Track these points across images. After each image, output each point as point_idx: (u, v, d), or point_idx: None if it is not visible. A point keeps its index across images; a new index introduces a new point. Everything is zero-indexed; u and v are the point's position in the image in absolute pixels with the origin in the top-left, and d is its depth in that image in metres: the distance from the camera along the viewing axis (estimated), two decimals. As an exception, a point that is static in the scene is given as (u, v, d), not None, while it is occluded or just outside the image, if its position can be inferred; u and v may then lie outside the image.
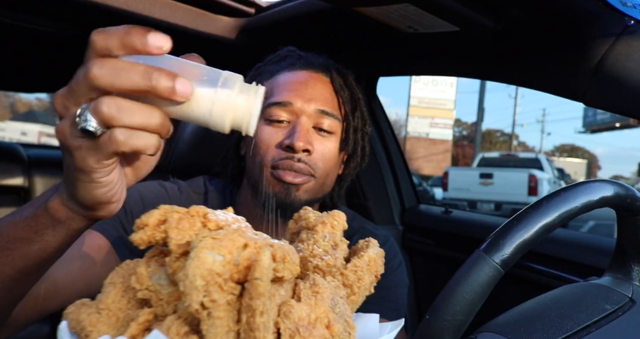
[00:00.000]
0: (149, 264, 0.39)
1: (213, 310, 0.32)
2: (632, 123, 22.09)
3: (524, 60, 0.93)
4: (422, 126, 21.96)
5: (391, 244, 0.96)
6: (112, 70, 0.36)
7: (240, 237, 0.34)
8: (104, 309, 0.39)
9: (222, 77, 0.38)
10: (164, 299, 0.37)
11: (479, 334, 0.50)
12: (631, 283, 0.62)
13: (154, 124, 0.37)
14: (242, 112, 0.39)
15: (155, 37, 0.36)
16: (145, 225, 0.38)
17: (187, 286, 0.31)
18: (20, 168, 1.43)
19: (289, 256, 0.35)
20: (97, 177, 0.40)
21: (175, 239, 0.36)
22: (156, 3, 1.10)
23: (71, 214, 0.44)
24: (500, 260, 0.50)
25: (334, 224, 0.46)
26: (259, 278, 0.31)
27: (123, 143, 0.37)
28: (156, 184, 0.89)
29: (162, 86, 0.35)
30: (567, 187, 0.56)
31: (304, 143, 0.79)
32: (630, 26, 0.77)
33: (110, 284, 0.41)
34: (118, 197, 0.44)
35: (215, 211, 0.39)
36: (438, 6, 0.82)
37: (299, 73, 0.86)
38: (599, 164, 53.90)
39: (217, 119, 0.38)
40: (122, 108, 0.36)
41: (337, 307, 0.38)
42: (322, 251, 0.43)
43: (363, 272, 0.44)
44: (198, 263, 0.31)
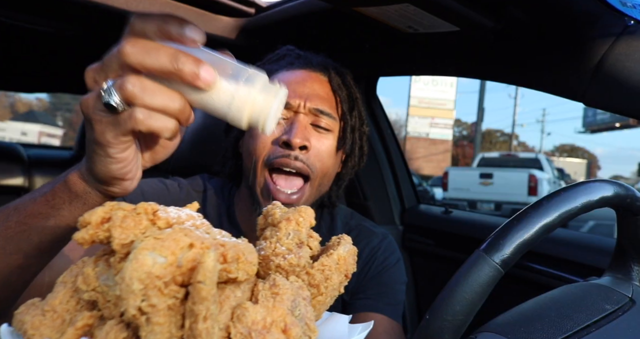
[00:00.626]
0: (97, 264, 0.37)
1: (152, 315, 0.30)
2: (632, 123, 22.09)
3: (524, 60, 0.93)
4: (422, 126, 21.97)
5: (389, 242, 0.96)
6: (143, 49, 0.37)
7: (185, 237, 0.32)
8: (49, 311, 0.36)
9: (247, 74, 0.40)
10: (112, 301, 0.35)
11: (479, 334, 0.50)
12: (631, 283, 0.63)
13: (173, 108, 0.39)
14: (259, 110, 0.40)
15: (191, 30, 0.38)
16: (88, 223, 0.35)
17: (124, 290, 0.29)
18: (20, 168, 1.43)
19: (244, 256, 0.33)
20: (112, 152, 0.41)
21: (118, 239, 0.34)
22: (156, 3, 1.10)
23: (88, 188, 0.46)
24: (500, 260, 0.50)
25: (300, 221, 0.43)
26: (201, 281, 0.29)
27: (141, 122, 0.38)
28: (157, 181, 0.90)
29: (187, 70, 0.37)
30: (567, 187, 0.56)
31: (301, 139, 0.79)
32: (630, 26, 0.77)
33: (62, 283, 0.38)
34: (132, 175, 0.45)
35: (168, 207, 0.38)
36: (438, 6, 0.82)
37: (297, 72, 0.87)
38: (598, 164, 53.91)
39: (235, 113, 0.39)
40: (146, 88, 0.38)
41: (297, 309, 0.36)
42: (286, 249, 0.41)
43: (331, 271, 0.41)
44: (136, 265, 0.29)
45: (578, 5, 0.77)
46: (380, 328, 0.83)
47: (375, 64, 1.30)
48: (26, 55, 1.71)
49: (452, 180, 10.96)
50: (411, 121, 21.88)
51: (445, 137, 22.64)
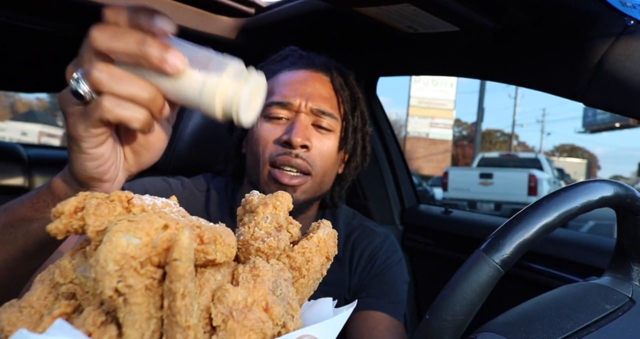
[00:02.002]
0: (73, 257, 0.37)
1: (129, 296, 0.30)
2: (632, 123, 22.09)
3: (524, 60, 0.93)
4: (422, 126, 21.96)
5: (391, 241, 0.97)
6: (110, 33, 0.37)
7: (159, 219, 0.32)
8: (26, 307, 0.36)
9: (218, 60, 0.39)
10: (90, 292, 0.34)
11: (479, 334, 0.50)
12: (631, 282, 0.63)
13: (143, 97, 0.38)
14: (231, 97, 0.38)
15: (160, 20, 0.38)
16: (61, 213, 0.35)
17: (99, 272, 0.29)
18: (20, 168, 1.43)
19: (221, 238, 0.33)
20: (85, 146, 0.41)
21: (92, 226, 0.34)
22: (156, 3, 1.10)
23: (69, 191, 0.45)
24: (500, 260, 0.50)
25: (277, 205, 0.43)
26: (177, 258, 0.29)
27: (108, 110, 0.37)
28: (160, 180, 0.90)
29: (154, 54, 0.36)
30: (567, 187, 0.56)
31: (301, 139, 0.79)
32: (630, 26, 0.77)
33: (39, 281, 0.38)
34: (111, 176, 0.45)
35: (142, 195, 0.38)
36: (438, 6, 0.82)
37: (299, 72, 0.87)
38: (598, 164, 53.90)
39: (207, 101, 0.38)
40: (113, 75, 0.37)
41: (278, 289, 0.36)
42: (264, 233, 0.40)
43: (312, 253, 0.41)
44: (110, 247, 0.29)
45: (578, 5, 0.77)
46: (382, 326, 0.84)
47: (375, 64, 1.30)
48: (26, 55, 1.70)
49: (452, 180, 10.96)
50: (411, 121, 21.87)
51: (445, 137, 22.63)
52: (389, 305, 0.87)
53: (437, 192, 13.18)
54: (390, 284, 0.90)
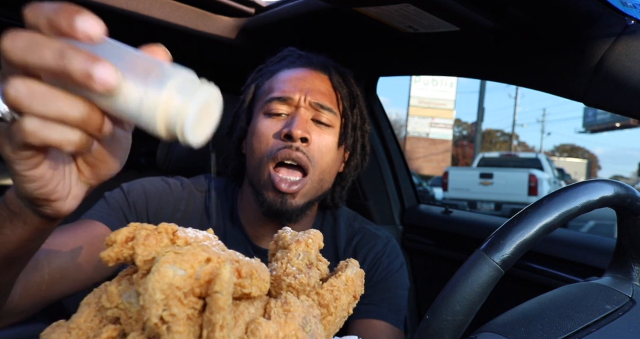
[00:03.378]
0: (120, 283, 0.39)
1: (172, 324, 0.31)
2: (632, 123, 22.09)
3: (524, 61, 0.93)
4: (422, 126, 21.96)
5: (393, 246, 0.96)
6: (25, 44, 0.30)
7: (202, 252, 0.34)
8: (74, 329, 0.38)
9: (161, 73, 0.32)
10: (133, 317, 0.37)
11: (479, 334, 0.50)
12: (631, 283, 0.63)
13: (73, 117, 0.32)
14: (175, 114, 0.32)
15: (84, 21, 0.30)
16: (114, 242, 0.37)
17: (147, 299, 0.31)
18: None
19: (257, 273, 0.35)
20: (19, 169, 0.35)
21: (141, 255, 0.36)
22: (156, 3, 1.10)
23: (22, 208, 0.40)
24: (500, 260, 0.50)
25: (309, 243, 0.45)
26: (218, 291, 0.31)
27: (32, 134, 0.31)
28: (159, 180, 0.90)
29: (76, 69, 0.29)
30: (567, 187, 0.56)
31: (302, 131, 0.79)
32: (630, 26, 0.77)
33: (86, 304, 0.40)
34: (59, 195, 0.38)
35: (186, 228, 0.40)
36: (438, 6, 0.82)
37: (298, 70, 0.88)
38: (599, 164, 53.90)
39: (146, 119, 0.32)
40: (34, 93, 0.31)
41: (308, 325, 0.38)
42: (296, 269, 0.43)
43: (340, 292, 0.43)
44: (158, 277, 0.31)
45: (578, 5, 0.77)
46: (382, 336, 0.83)
47: (375, 64, 1.30)
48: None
49: (452, 180, 10.95)
50: (411, 121, 21.87)
51: (445, 137, 22.63)
52: (390, 313, 0.86)
53: (437, 192, 13.17)
54: (392, 291, 0.89)
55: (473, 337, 0.50)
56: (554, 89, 0.89)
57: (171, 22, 1.13)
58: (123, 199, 0.83)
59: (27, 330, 1.07)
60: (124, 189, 0.85)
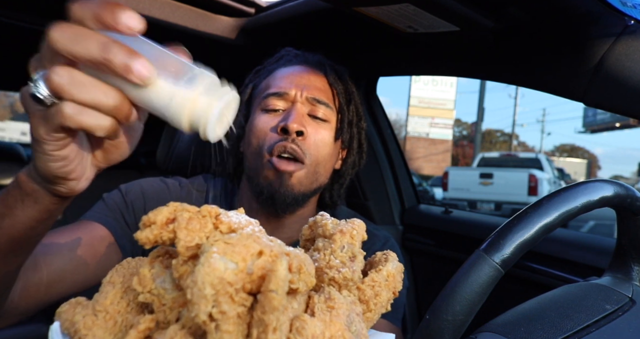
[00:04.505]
0: (152, 265, 0.36)
1: (222, 323, 0.29)
2: (632, 123, 22.08)
3: (524, 61, 0.93)
4: (422, 126, 21.95)
5: (391, 245, 0.96)
6: (71, 35, 0.34)
7: (255, 244, 0.31)
8: (101, 312, 0.36)
9: (190, 73, 0.36)
10: (167, 305, 0.34)
11: (479, 334, 0.50)
12: (631, 282, 0.63)
13: (107, 104, 0.35)
14: (200, 113, 0.36)
15: (127, 16, 0.34)
16: (153, 223, 0.35)
17: (196, 294, 0.28)
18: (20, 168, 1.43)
19: (305, 267, 0.32)
20: (48, 149, 0.38)
21: (184, 241, 0.33)
22: (156, 3, 1.10)
23: (36, 187, 0.43)
24: (500, 260, 0.50)
25: (353, 234, 0.42)
26: (274, 290, 0.28)
27: (70, 118, 0.35)
28: (158, 180, 0.90)
29: (118, 61, 0.33)
30: (567, 187, 0.56)
31: (297, 125, 0.80)
32: (630, 26, 0.77)
33: (110, 283, 0.38)
34: (77, 175, 0.42)
35: (228, 212, 0.37)
36: (438, 6, 0.81)
37: (294, 67, 0.89)
38: (599, 164, 53.90)
39: (174, 114, 0.36)
40: (75, 80, 0.34)
41: (353, 325, 0.35)
42: (340, 262, 0.40)
43: (381, 288, 0.41)
44: (209, 270, 0.29)
45: (578, 5, 0.77)
46: None
47: (375, 64, 1.30)
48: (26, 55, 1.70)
49: (452, 180, 10.95)
50: (411, 121, 21.87)
51: (445, 137, 22.62)
52: (387, 311, 0.87)
53: (437, 192, 13.17)
54: None
55: (473, 337, 0.50)
56: (554, 89, 0.89)
57: (171, 22, 1.13)
58: (121, 200, 0.83)
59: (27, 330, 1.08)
60: (122, 190, 0.85)
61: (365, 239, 0.43)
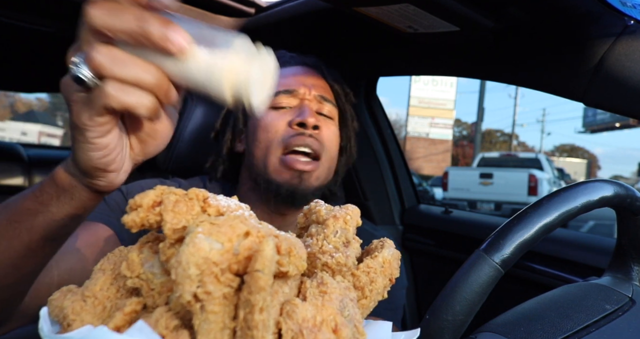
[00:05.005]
0: (141, 251, 0.36)
1: (207, 303, 0.29)
2: (632, 123, 22.08)
3: (524, 61, 0.93)
4: (422, 126, 21.95)
5: None
6: (107, 10, 0.34)
7: (241, 224, 0.31)
8: (90, 297, 0.35)
9: (224, 37, 0.36)
10: (156, 290, 0.34)
11: (479, 334, 0.50)
12: (631, 282, 0.63)
13: (148, 81, 0.35)
14: (240, 77, 0.35)
15: None
16: (139, 206, 0.35)
17: (180, 274, 0.28)
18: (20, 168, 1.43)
19: (295, 250, 0.32)
20: (90, 136, 0.38)
21: (170, 223, 0.33)
22: (156, 3, 1.10)
23: (73, 182, 0.43)
24: (500, 260, 0.50)
25: (347, 219, 0.41)
26: (260, 270, 0.27)
27: (113, 97, 0.35)
28: (157, 182, 0.91)
29: (156, 32, 0.33)
30: (567, 187, 0.56)
31: (314, 119, 0.82)
32: (630, 26, 0.77)
33: (100, 270, 0.38)
34: (117, 166, 0.42)
35: (217, 195, 0.37)
36: (438, 6, 0.82)
37: (296, 67, 0.92)
38: (598, 164, 53.90)
39: (215, 82, 0.35)
40: (116, 58, 0.34)
41: (346, 310, 0.34)
42: (333, 247, 0.39)
43: (376, 274, 0.40)
44: (193, 250, 0.28)
45: (578, 5, 0.77)
46: None
47: (375, 64, 1.30)
48: (26, 55, 1.70)
49: (452, 180, 10.95)
50: (411, 121, 21.86)
51: (445, 137, 22.62)
52: (386, 312, 0.87)
53: (437, 192, 13.17)
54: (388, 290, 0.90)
55: (473, 337, 0.50)
56: (554, 89, 0.89)
57: (171, 22, 1.13)
58: (122, 200, 0.83)
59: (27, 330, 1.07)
60: (122, 190, 0.85)
61: (359, 225, 0.43)
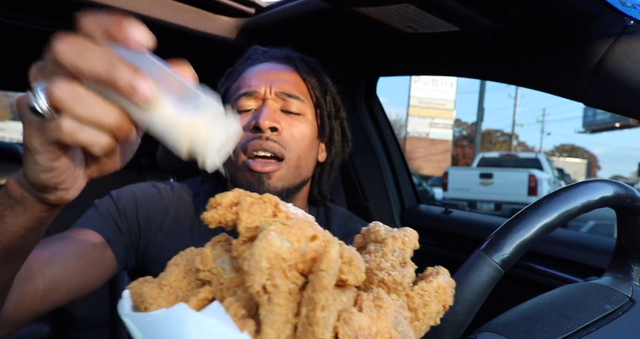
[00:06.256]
0: (214, 248, 0.39)
1: (274, 295, 0.31)
2: (632, 123, 22.08)
3: (524, 60, 0.93)
4: (422, 126, 21.96)
5: None
6: (76, 49, 0.32)
7: (310, 228, 0.33)
8: (166, 285, 0.39)
9: (196, 100, 0.35)
10: (225, 284, 0.37)
11: (479, 334, 0.50)
12: (631, 282, 0.63)
13: (107, 123, 0.34)
14: (200, 144, 0.35)
15: (137, 31, 0.33)
16: (219, 204, 0.38)
17: (252, 266, 0.31)
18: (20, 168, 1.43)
19: (356, 260, 0.34)
20: (40, 160, 0.37)
21: (245, 222, 0.36)
22: (156, 3, 1.10)
23: (25, 194, 0.42)
24: (500, 260, 0.50)
25: (405, 241, 0.43)
26: (324, 269, 0.30)
27: (68, 134, 0.34)
28: (149, 185, 0.90)
29: (124, 81, 0.32)
30: (567, 187, 0.56)
31: (269, 121, 0.79)
32: (630, 26, 0.77)
33: (174, 264, 0.41)
34: (67, 185, 0.41)
35: (287, 203, 0.39)
36: (438, 6, 0.82)
37: (262, 65, 0.89)
38: (598, 164, 53.89)
39: (174, 141, 0.35)
40: (77, 96, 0.33)
41: (400, 326, 0.35)
42: (390, 265, 0.40)
43: (430, 298, 0.41)
44: (265, 245, 0.31)
45: (578, 5, 0.77)
46: None
47: (375, 64, 1.30)
48: (26, 55, 1.70)
49: (452, 180, 10.95)
50: (411, 121, 21.87)
51: (445, 137, 22.62)
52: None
53: (437, 192, 13.17)
54: None
55: (473, 337, 0.50)
56: (554, 89, 0.89)
57: (171, 22, 1.13)
58: (113, 206, 0.82)
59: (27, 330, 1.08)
60: (113, 196, 0.84)
61: (417, 248, 0.44)
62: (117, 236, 0.79)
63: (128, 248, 0.81)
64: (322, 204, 0.99)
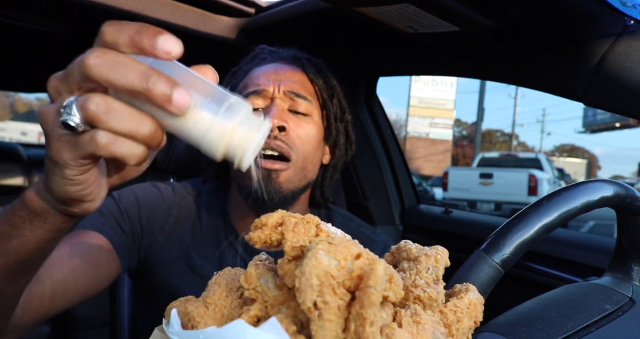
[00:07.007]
0: (257, 267, 0.40)
1: (324, 311, 0.32)
2: (632, 123, 22.08)
3: (524, 60, 0.93)
4: (422, 126, 21.96)
5: None
6: (109, 63, 0.32)
7: (354, 247, 0.35)
8: (211, 304, 0.40)
9: (228, 103, 0.35)
10: (269, 302, 0.38)
11: (479, 334, 0.50)
12: (631, 282, 0.62)
13: (142, 134, 0.34)
14: (238, 144, 0.36)
15: (165, 40, 0.33)
16: (264, 225, 0.39)
17: (303, 283, 0.32)
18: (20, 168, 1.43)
19: (395, 278, 0.35)
20: (70, 174, 0.37)
21: (290, 241, 0.37)
22: (156, 3, 1.10)
23: (45, 206, 0.41)
24: (500, 260, 0.50)
25: (438, 259, 0.44)
26: (372, 286, 0.31)
27: (104, 147, 0.34)
28: (150, 186, 0.90)
29: (159, 92, 0.32)
30: (567, 187, 0.56)
31: (278, 120, 0.79)
32: (630, 26, 0.77)
33: (215, 284, 0.42)
34: (93, 196, 0.41)
35: (326, 223, 0.41)
36: (438, 6, 0.82)
37: (270, 65, 0.88)
38: (598, 164, 53.90)
39: (210, 145, 0.36)
40: (112, 109, 0.33)
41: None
42: (425, 282, 0.42)
43: (463, 314, 0.42)
44: (315, 263, 0.32)
45: (578, 5, 0.77)
46: None
47: (375, 64, 1.30)
48: (26, 55, 1.71)
49: (452, 180, 10.96)
50: (411, 121, 21.86)
51: (445, 137, 22.62)
52: None
53: (437, 192, 13.17)
54: None
55: (473, 337, 0.50)
56: (554, 89, 0.89)
57: (171, 22, 1.13)
58: (115, 207, 0.82)
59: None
60: (115, 197, 0.84)
61: (448, 266, 0.45)
62: (120, 237, 0.79)
63: (131, 249, 0.81)
64: (323, 206, 0.99)
